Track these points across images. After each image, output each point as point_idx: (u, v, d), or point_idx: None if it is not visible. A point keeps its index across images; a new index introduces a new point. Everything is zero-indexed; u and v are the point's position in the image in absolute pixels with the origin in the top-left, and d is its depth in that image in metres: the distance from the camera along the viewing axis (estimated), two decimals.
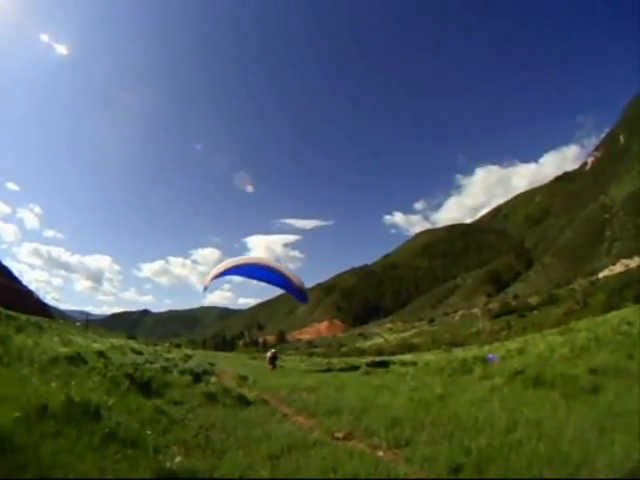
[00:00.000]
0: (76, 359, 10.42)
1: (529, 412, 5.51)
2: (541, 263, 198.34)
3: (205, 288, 8.51)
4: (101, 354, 14.86)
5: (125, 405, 6.00)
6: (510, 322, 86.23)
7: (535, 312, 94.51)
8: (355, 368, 18.57)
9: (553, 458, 3.64)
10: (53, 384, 5.83)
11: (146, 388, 8.04)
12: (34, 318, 31.35)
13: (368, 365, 18.32)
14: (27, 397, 4.53)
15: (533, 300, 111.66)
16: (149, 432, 4.51)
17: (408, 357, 25.45)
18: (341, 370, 18.67)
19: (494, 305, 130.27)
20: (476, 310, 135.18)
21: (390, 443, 4.89)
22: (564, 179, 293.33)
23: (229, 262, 8.88)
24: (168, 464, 3.38)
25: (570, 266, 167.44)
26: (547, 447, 3.92)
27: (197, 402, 7.58)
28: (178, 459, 3.60)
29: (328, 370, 19.27)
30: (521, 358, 12.15)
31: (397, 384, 10.40)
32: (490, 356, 13.37)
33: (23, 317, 26.51)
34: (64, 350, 11.74)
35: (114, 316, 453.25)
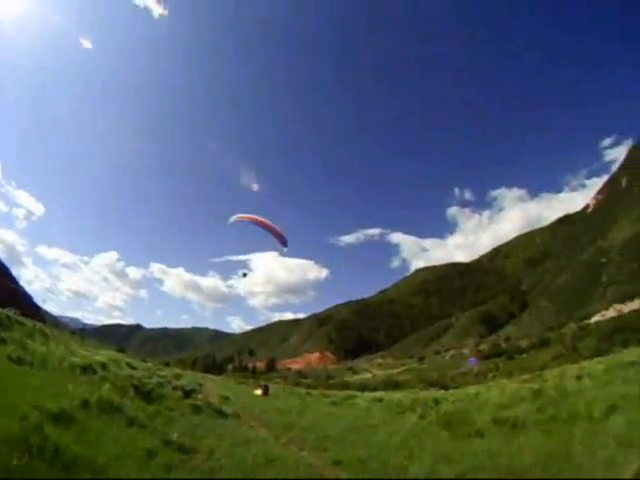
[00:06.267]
0: (88, 369, 12.71)
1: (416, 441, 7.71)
2: (535, 306, 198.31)
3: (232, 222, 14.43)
4: (104, 366, 17.04)
5: (135, 405, 8.35)
6: (498, 364, 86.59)
7: (524, 355, 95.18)
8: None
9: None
10: (83, 387, 8.21)
11: (148, 397, 10.34)
12: (37, 325, 33.20)
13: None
14: (71, 395, 6.96)
15: (524, 343, 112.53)
16: (158, 420, 6.93)
17: (380, 394, 27.29)
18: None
19: (485, 346, 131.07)
20: (467, 351, 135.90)
21: (315, 448, 7.43)
22: (566, 221, 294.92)
23: (245, 215, 14.59)
24: (171, 437, 5.82)
25: (564, 310, 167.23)
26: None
27: (186, 411, 9.88)
28: (176, 435, 6.05)
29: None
30: (464, 403, 13.38)
31: (349, 413, 12.73)
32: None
33: (29, 323, 28.49)
34: (77, 360, 13.98)
35: (106, 327, 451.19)
